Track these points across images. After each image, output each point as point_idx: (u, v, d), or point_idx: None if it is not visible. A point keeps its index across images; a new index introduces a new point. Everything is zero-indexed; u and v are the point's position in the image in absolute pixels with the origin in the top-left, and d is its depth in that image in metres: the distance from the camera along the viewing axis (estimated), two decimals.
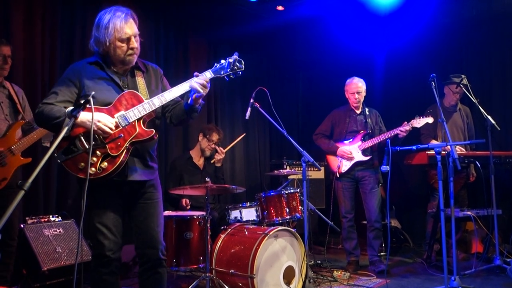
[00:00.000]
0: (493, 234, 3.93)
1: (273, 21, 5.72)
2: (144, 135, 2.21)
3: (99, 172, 2.12)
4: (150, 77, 2.39)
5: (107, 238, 2.20)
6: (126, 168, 2.20)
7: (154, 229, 2.29)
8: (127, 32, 2.19)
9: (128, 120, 2.18)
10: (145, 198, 2.30)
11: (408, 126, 4.00)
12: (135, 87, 2.28)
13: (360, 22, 5.62)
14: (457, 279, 3.16)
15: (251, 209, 3.80)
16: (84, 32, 4.37)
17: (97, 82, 2.22)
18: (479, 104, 4.06)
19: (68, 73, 2.25)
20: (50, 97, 2.18)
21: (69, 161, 2.12)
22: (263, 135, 6.24)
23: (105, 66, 2.26)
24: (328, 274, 3.95)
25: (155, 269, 2.30)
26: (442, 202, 3.21)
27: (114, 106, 2.20)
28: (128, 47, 2.21)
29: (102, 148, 2.13)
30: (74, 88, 2.21)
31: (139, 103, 2.21)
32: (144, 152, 2.29)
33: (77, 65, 2.29)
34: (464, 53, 5.53)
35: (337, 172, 4.24)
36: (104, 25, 2.17)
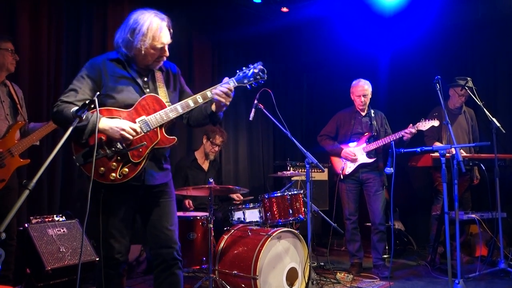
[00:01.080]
0: (497, 237, 3.91)
1: (277, 22, 5.72)
2: (166, 143, 2.18)
3: (119, 178, 2.09)
4: (169, 77, 2.36)
5: (118, 242, 2.17)
6: (144, 173, 2.17)
7: (169, 228, 2.25)
8: (163, 41, 2.16)
9: (150, 126, 2.14)
10: (159, 197, 2.26)
11: (414, 128, 3.98)
12: (155, 88, 2.24)
13: (364, 23, 5.62)
14: (461, 282, 3.14)
15: (254, 210, 3.80)
16: (90, 32, 4.40)
17: (118, 81, 2.17)
18: (484, 106, 4.04)
19: (88, 69, 2.18)
20: (69, 95, 2.10)
21: (88, 165, 2.06)
22: (266, 137, 6.24)
23: (127, 64, 2.21)
24: (331, 276, 3.94)
25: (170, 270, 2.23)
26: (446, 204, 3.20)
27: (135, 110, 2.15)
28: (159, 54, 2.19)
29: (124, 154, 2.10)
30: (94, 86, 2.15)
31: (161, 108, 2.17)
32: (160, 156, 2.26)
33: (97, 61, 2.21)
34: (469, 55, 5.51)
35: (341, 173, 4.23)
36: (141, 31, 2.11)
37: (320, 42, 6.16)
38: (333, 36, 5.85)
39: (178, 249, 2.26)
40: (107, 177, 2.08)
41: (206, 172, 4.51)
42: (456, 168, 3.14)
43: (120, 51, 2.21)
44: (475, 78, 4.60)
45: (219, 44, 5.69)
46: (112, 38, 4.62)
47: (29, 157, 3.68)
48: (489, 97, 5.10)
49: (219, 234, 3.68)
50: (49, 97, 4.04)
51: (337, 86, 6.06)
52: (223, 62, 5.73)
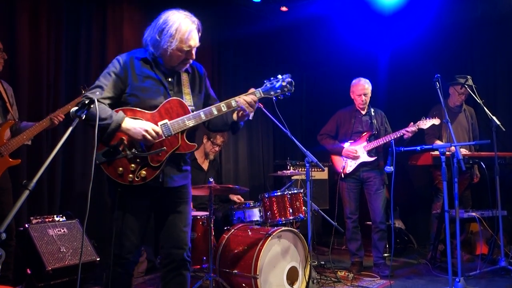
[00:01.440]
0: (498, 235, 3.91)
1: (277, 21, 5.72)
2: (186, 149, 2.17)
3: (137, 180, 2.08)
4: (195, 79, 2.33)
5: (129, 240, 2.15)
6: (162, 175, 2.15)
7: (182, 229, 2.23)
8: (190, 44, 2.13)
9: (171, 131, 2.12)
10: (176, 197, 2.24)
11: (414, 127, 3.98)
12: (179, 91, 2.22)
13: (364, 22, 5.61)
14: (461, 280, 3.14)
15: (254, 210, 3.80)
16: (90, 32, 4.39)
17: (144, 81, 2.15)
18: (484, 105, 4.04)
19: (115, 67, 2.15)
20: (95, 91, 2.08)
21: (107, 163, 2.07)
22: (266, 136, 6.23)
23: (154, 65, 2.20)
24: (332, 275, 3.94)
25: (179, 270, 2.23)
26: (446, 203, 3.20)
27: (159, 112, 2.13)
28: (185, 57, 2.16)
29: (143, 156, 2.09)
30: (120, 84, 2.13)
31: (184, 113, 2.15)
32: (180, 159, 2.24)
33: (125, 58, 2.19)
34: (469, 53, 5.51)
35: (342, 172, 4.23)
36: (169, 33, 2.09)
37: (319, 41, 6.16)
38: (333, 35, 5.85)
39: (188, 250, 2.25)
40: (125, 178, 2.07)
41: (206, 172, 4.51)
42: (456, 167, 3.14)
43: (148, 49, 2.19)
44: (475, 76, 4.59)
45: (219, 44, 5.69)
46: (111, 38, 4.66)
47: (28, 157, 3.67)
48: (488, 96, 5.10)
49: (220, 233, 3.68)
50: (49, 97, 4.03)
51: (336, 84, 6.06)
52: (222, 61, 5.73)
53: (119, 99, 2.15)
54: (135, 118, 2.09)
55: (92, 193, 1.82)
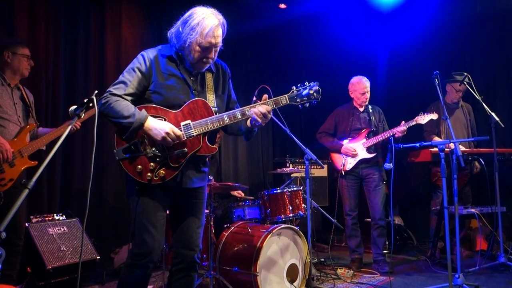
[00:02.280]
0: (497, 232, 3.92)
1: (275, 19, 5.72)
2: (206, 151, 2.14)
3: (155, 179, 2.06)
4: (219, 79, 2.30)
5: (152, 237, 2.08)
6: (181, 175, 2.13)
7: (195, 230, 2.21)
8: (210, 41, 2.08)
9: (193, 132, 2.10)
10: (193, 197, 2.23)
11: (405, 126, 3.98)
12: (203, 91, 2.20)
13: (362, 19, 5.61)
14: (461, 276, 3.16)
15: (254, 207, 3.81)
16: (88, 32, 4.39)
17: (168, 79, 2.13)
18: (483, 101, 4.04)
19: (140, 63, 2.13)
20: (119, 87, 2.07)
21: (127, 161, 2.05)
22: (266, 134, 6.24)
23: (179, 63, 2.17)
24: (332, 272, 3.95)
25: (188, 271, 2.21)
26: (445, 199, 3.20)
27: (182, 112, 2.11)
28: (204, 55, 2.11)
29: (163, 156, 2.07)
30: (144, 81, 2.11)
31: (208, 115, 2.12)
32: (199, 160, 2.21)
33: (150, 55, 2.15)
34: (468, 50, 5.51)
35: (341, 170, 4.23)
36: (191, 25, 2.06)
37: (318, 38, 6.15)
38: (331, 32, 5.84)
39: (199, 252, 2.23)
40: (144, 176, 2.05)
41: None
42: (455, 163, 3.14)
43: (172, 44, 2.16)
44: (474, 73, 4.60)
45: None
46: (110, 38, 4.65)
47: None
48: (488, 92, 5.10)
49: (219, 231, 3.68)
50: (48, 97, 4.03)
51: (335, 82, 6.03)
52: (221, 59, 5.71)
53: (142, 96, 2.12)
54: (158, 116, 2.07)
55: (92, 191, 1.83)
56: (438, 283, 3.46)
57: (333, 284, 3.66)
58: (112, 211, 4.44)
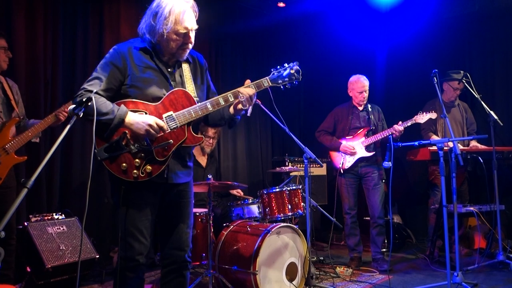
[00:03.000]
0: (496, 230, 3.93)
1: (274, 17, 5.71)
2: (192, 141, 2.08)
3: (142, 176, 1.99)
4: (197, 70, 2.24)
5: (138, 241, 2.03)
6: (167, 170, 2.06)
7: (184, 230, 2.16)
8: (186, 26, 2.01)
9: (177, 123, 2.03)
10: (180, 197, 2.17)
11: (401, 126, 3.99)
12: (182, 81, 2.13)
13: (361, 18, 5.61)
14: (460, 274, 3.16)
15: (253, 206, 3.81)
16: (86, 29, 4.38)
17: (144, 72, 2.05)
18: (481, 99, 4.04)
19: (113, 57, 2.05)
20: (93, 83, 1.99)
21: (110, 160, 1.97)
22: (265, 132, 6.24)
23: (154, 54, 2.09)
24: (331, 270, 3.96)
25: (180, 272, 2.17)
26: (444, 197, 3.21)
27: (163, 104, 2.04)
28: (183, 41, 2.04)
29: (148, 151, 2.00)
30: (119, 75, 2.03)
31: (190, 104, 2.06)
32: (185, 153, 2.16)
33: (123, 48, 2.08)
34: (467, 48, 5.51)
35: (340, 168, 4.24)
36: (163, 15, 1.99)
37: (317, 37, 6.15)
38: (330, 31, 5.84)
39: (189, 251, 2.19)
40: (130, 174, 1.98)
41: (205, 168, 4.51)
42: (454, 161, 3.15)
43: (145, 38, 2.09)
44: (473, 71, 4.60)
45: (217, 39, 5.68)
46: (108, 36, 4.64)
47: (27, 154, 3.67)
48: (486, 90, 5.10)
49: (219, 230, 3.69)
50: (46, 95, 4.03)
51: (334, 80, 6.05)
52: (220, 57, 5.72)
53: (118, 91, 2.05)
54: (138, 110, 2.01)
55: (91, 190, 1.82)
56: (437, 281, 3.47)
57: (332, 282, 3.66)
58: (111, 210, 4.43)
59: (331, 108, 4.54)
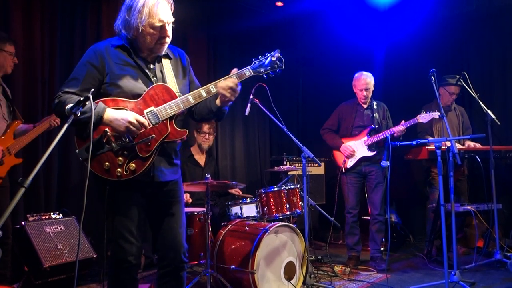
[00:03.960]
0: (493, 229, 3.94)
1: (272, 16, 5.71)
2: (176, 136, 2.04)
3: (126, 174, 1.95)
4: (178, 65, 2.20)
5: (129, 242, 2.01)
6: (152, 168, 2.03)
7: (177, 230, 2.12)
8: (161, 18, 1.98)
9: (159, 118, 2.00)
10: (168, 196, 2.13)
11: (404, 126, 3.98)
12: (162, 77, 2.10)
13: (359, 17, 5.61)
14: (457, 273, 3.17)
15: (251, 205, 3.81)
16: (84, 28, 4.36)
17: (123, 69, 2.02)
18: (479, 99, 4.05)
19: (90, 56, 2.04)
20: (71, 85, 1.98)
21: (93, 160, 1.93)
22: (263, 132, 6.23)
23: (132, 51, 2.06)
24: (329, 269, 3.96)
25: (176, 272, 2.14)
26: (442, 196, 3.21)
27: (144, 100, 2.01)
28: (160, 35, 2.02)
29: (130, 148, 1.96)
30: (98, 74, 2.01)
31: (171, 98, 2.03)
32: (170, 150, 2.11)
33: (100, 47, 2.06)
34: (464, 47, 5.52)
35: (342, 167, 4.24)
36: (137, 8, 1.96)
37: (315, 36, 6.14)
38: (328, 30, 5.83)
39: (185, 251, 2.16)
40: (113, 173, 1.94)
41: (203, 168, 4.51)
42: (452, 161, 3.15)
43: (121, 35, 2.07)
44: (470, 70, 4.61)
45: (214, 39, 5.67)
46: (106, 34, 4.62)
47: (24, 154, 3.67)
48: (484, 90, 5.11)
49: (217, 229, 3.69)
50: (44, 94, 4.01)
51: (333, 80, 6.06)
52: (218, 57, 5.71)
53: (98, 91, 2.01)
54: (118, 108, 1.97)
55: (89, 190, 1.81)
56: (435, 280, 3.48)
57: (330, 281, 3.67)
58: None
59: (329, 107, 4.53)
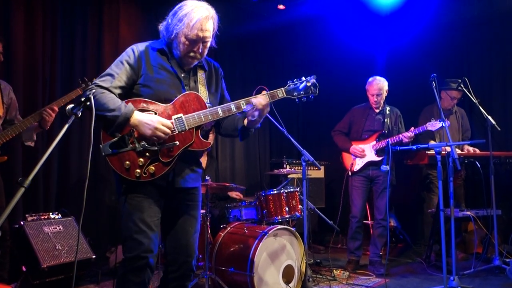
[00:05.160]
0: (492, 235, 3.93)
1: (274, 20, 5.72)
2: (200, 146, 2.03)
3: (144, 176, 1.94)
4: (211, 77, 2.22)
5: (147, 238, 1.94)
6: (173, 174, 2.02)
7: (192, 234, 2.09)
8: (197, 34, 1.99)
9: (186, 126, 1.99)
10: (186, 199, 2.11)
11: (412, 133, 3.97)
12: (195, 86, 2.11)
13: (361, 22, 5.62)
14: (456, 279, 3.16)
15: (250, 208, 3.80)
16: (85, 28, 4.38)
17: (159, 73, 2.04)
18: (479, 104, 4.05)
19: (129, 55, 2.05)
20: (105, 80, 1.98)
21: (114, 156, 1.93)
22: (263, 134, 6.24)
23: (170, 57, 2.09)
24: (328, 273, 3.95)
25: (182, 281, 2.09)
26: (441, 202, 3.21)
27: (174, 106, 2.01)
28: (191, 48, 2.03)
29: (153, 151, 1.96)
30: (133, 74, 2.02)
31: (201, 108, 2.03)
32: (193, 158, 2.12)
33: (140, 47, 2.08)
34: (465, 52, 5.53)
35: (349, 170, 4.24)
36: (179, 16, 1.99)
37: (316, 40, 6.15)
38: (330, 34, 5.85)
39: (195, 259, 2.12)
40: (132, 173, 1.93)
41: (205, 169, 4.52)
42: (452, 166, 3.15)
43: (163, 38, 2.10)
44: (471, 76, 4.61)
45: (216, 42, 5.67)
46: (107, 36, 4.63)
47: (24, 154, 3.66)
48: (484, 95, 5.12)
49: (216, 231, 3.68)
50: (45, 94, 4.02)
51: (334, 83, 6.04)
52: (219, 58, 5.70)
53: (130, 90, 2.03)
54: (147, 110, 1.98)
55: (88, 190, 1.81)
56: (433, 285, 3.47)
57: (329, 285, 3.66)
58: (108, 210, 4.42)
59: (330, 111, 4.55)
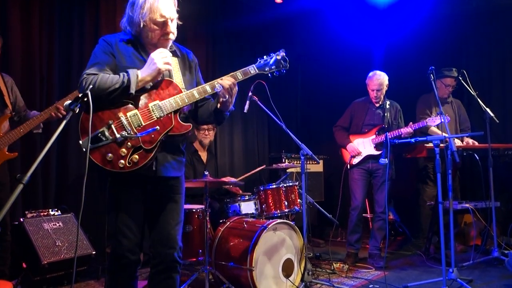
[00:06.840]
0: (491, 226, 3.95)
1: (271, 13, 5.71)
2: (180, 129, 2.04)
3: (129, 166, 1.94)
4: (185, 64, 2.22)
5: (126, 237, 2.01)
6: (156, 163, 2.03)
7: (173, 226, 2.09)
8: (162, 14, 1.99)
9: (163, 111, 2.01)
10: (169, 191, 2.12)
11: (411, 128, 3.99)
12: (169, 74, 2.10)
13: (359, 15, 5.61)
14: (455, 271, 3.18)
15: (249, 203, 3.81)
16: (83, 25, 4.35)
17: (130, 62, 2.05)
18: (478, 97, 4.05)
19: (102, 46, 2.05)
20: (93, 69, 1.99)
21: (95, 151, 1.94)
22: (261, 129, 6.23)
23: (139, 46, 2.09)
24: (327, 266, 3.97)
25: (168, 273, 2.09)
26: (440, 194, 3.22)
27: (149, 94, 2.03)
28: (162, 31, 2.03)
29: (134, 139, 1.97)
30: (114, 61, 2.03)
31: (177, 93, 2.05)
32: (174, 146, 2.12)
33: (110, 39, 2.08)
34: (464, 45, 5.52)
35: (348, 163, 4.25)
36: (139, 3, 1.99)
37: (314, 34, 6.14)
38: (327, 28, 5.83)
39: (180, 250, 2.11)
40: (116, 165, 1.94)
41: (205, 165, 4.52)
42: (450, 158, 3.16)
43: (127, 32, 2.09)
44: (469, 68, 4.62)
45: (213, 36, 5.66)
46: (104, 30, 4.61)
47: (23, 150, 3.65)
48: (483, 88, 5.12)
49: (215, 226, 3.69)
50: (42, 91, 4.00)
51: (332, 77, 6.06)
52: (217, 53, 5.70)
53: None
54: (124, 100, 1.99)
55: (87, 186, 1.81)
56: (432, 277, 3.48)
57: (328, 278, 3.68)
58: None
59: (328, 105, 4.56)
